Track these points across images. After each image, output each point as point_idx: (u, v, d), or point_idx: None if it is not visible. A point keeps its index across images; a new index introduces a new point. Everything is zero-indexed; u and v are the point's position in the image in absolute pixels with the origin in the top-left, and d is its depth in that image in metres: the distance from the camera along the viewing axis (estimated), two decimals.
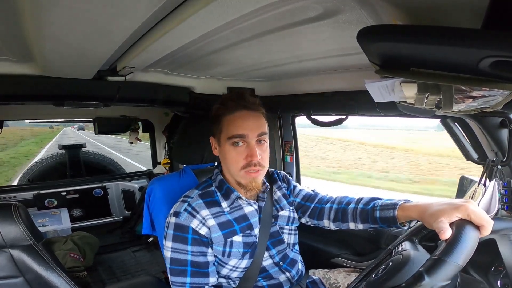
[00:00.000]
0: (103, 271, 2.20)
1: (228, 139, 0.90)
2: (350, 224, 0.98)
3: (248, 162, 0.89)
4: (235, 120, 0.90)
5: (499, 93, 0.54)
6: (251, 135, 0.89)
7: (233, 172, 0.93)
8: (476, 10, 0.51)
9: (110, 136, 2.88)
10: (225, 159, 0.94)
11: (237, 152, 0.90)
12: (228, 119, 0.91)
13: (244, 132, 0.89)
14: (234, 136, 0.89)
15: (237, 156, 0.90)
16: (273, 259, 0.99)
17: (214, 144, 0.98)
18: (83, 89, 1.23)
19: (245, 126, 0.89)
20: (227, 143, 0.90)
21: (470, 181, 1.14)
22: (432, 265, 0.56)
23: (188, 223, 0.88)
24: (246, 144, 0.90)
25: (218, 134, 0.94)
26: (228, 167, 0.94)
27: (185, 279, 0.88)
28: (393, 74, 0.58)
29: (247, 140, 0.89)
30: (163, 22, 0.69)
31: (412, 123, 14.93)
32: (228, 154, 0.91)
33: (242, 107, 0.91)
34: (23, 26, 0.69)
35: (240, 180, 0.93)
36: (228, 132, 0.90)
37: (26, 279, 0.98)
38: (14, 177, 7.58)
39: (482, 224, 0.62)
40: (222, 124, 0.92)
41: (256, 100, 0.94)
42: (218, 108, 0.94)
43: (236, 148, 0.90)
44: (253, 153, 0.89)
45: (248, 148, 0.90)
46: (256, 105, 0.93)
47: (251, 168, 0.90)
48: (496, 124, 0.96)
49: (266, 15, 0.65)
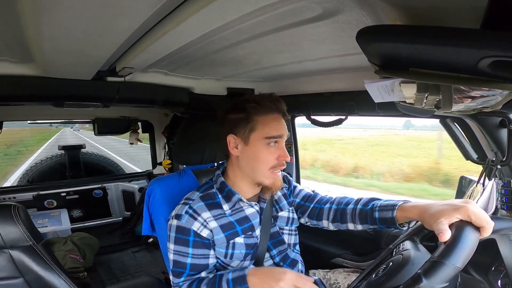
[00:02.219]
0: (103, 271, 2.19)
1: (265, 138, 0.91)
2: (349, 224, 0.98)
3: (279, 162, 0.92)
4: (272, 121, 0.92)
5: (498, 93, 0.54)
6: (284, 137, 0.94)
7: (260, 171, 0.93)
8: (475, 10, 0.51)
9: (105, 136, 2.88)
10: (254, 158, 0.93)
11: (269, 152, 0.92)
12: (263, 119, 0.92)
13: (282, 133, 0.93)
14: (273, 136, 0.91)
15: (269, 156, 0.92)
16: (273, 259, 0.99)
17: (234, 143, 0.95)
18: (83, 90, 1.23)
19: (281, 128, 0.93)
20: (262, 142, 0.91)
21: (470, 181, 1.14)
22: (430, 267, 0.56)
23: (189, 225, 0.88)
24: (277, 146, 0.93)
25: (247, 133, 0.92)
26: (255, 166, 0.93)
27: (179, 280, 0.89)
28: (392, 74, 0.58)
29: (279, 142, 0.93)
30: (163, 23, 0.69)
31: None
32: (260, 153, 0.92)
33: (277, 109, 0.94)
34: (22, 26, 0.69)
35: (263, 181, 0.93)
36: (264, 131, 0.91)
37: (26, 280, 0.98)
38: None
39: (483, 225, 0.62)
40: (255, 123, 0.92)
41: (285, 107, 0.97)
42: (252, 107, 0.93)
43: (269, 147, 0.92)
44: (285, 154, 0.92)
45: (279, 149, 0.93)
46: (285, 111, 0.97)
47: (280, 167, 0.94)
48: (495, 124, 0.96)
49: (265, 15, 0.65)
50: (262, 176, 0.93)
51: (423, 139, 11.52)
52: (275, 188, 0.95)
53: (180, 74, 1.34)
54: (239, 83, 1.51)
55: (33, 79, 1.10)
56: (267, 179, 0.93)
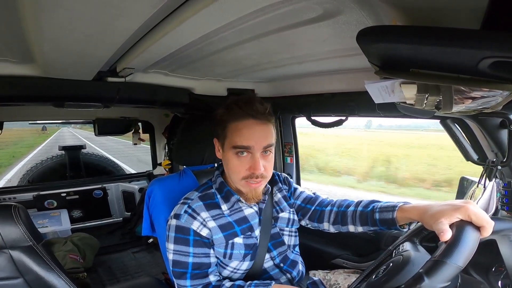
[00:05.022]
0: (103, 272, 2.19)
1: (233, 148, 0.86)
2: (349, 227, 0.97)
3: (250, 173, 0.86)
4: (241, 129, 0.85)
5: (498, 94, 0.54)
6: (257, 147, 0.85)
7: (234, 180, 0.92)
8: (475, 11, 0.51)
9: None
10: (227, 166, 0.92)
11: (240, 162, 0.86)
12: (233, 126, 0.86)
13: (250, 144, 0.84)
14: (239, 146, 0.85)
15: (239, 166, 0.87)
16: (273, 260, 0.99)
17: (218, 147, 0.95)
18: (83, 90, 1.23)
19: (251, 137, 0.84)
20: (231, 151, 0.87)
21: (471, 182, 1.14)
22: (431, 266, 0.56)
23: (188, 225, 0.88)
24: (251, 155, 0.86)
25: (222, 139, 0.90)
26: (230, 174, 0.92)
27: (185, 282, 0.88)
28: (392, 75, 0.58)
29: (251, 151, 0.85)
30: (163, 23, 0.70)
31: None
32: (231, 162, 0.88)
33: (249, 116, 0.85)
34: (23, 27, 0.69)
35: (240, 188, 0.92)
36: (232, 141, 0.86)
37: (26, 280, 0.98)
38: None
39: (483, 225, 0.62)
40: (227, 130, 0.87)
41: (266, 109, 0.87)
42: (223, 114, 0.89)
43: (239, 157, 0.86)
44: (256, 167, 0.85)
45: (252, 159, 0.85)
46: (265, 114, 0.86)
47: (253, 179, 0.87)
48: (496, 125, 0.96)
49: (266, 16, 0.66)
50: (237, 184, 0.91)
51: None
52: (251, 197, 0.92)
53: (181, 75, 1.35)
54: (239, 84, 1.51)
55: (33, 80, 1.10)
56: (243, 188, 0.90)
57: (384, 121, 12.63)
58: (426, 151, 9.33)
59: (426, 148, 9.72)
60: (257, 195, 0.93)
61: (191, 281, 0.88)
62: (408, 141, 10.59)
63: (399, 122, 19.23)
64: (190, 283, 0.88)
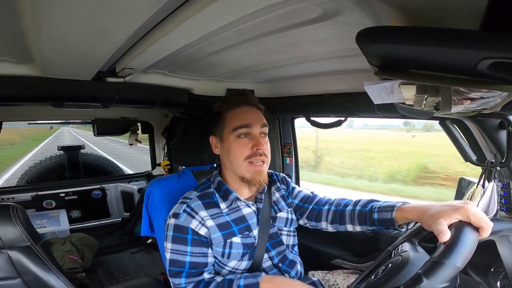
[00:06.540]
0: (102, 272, 2.19)
1: (234, 130, 0.92)
2: (347, 226, 0.98)
3: (253, 151, 0.91)
4: (239, 113, 0.94)
5: (497, 95, 0.54)
6: (255, 125, 0.92)
7: (237, 165, 0.93)
8: (474, 12, 0.51)
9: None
10: (229, 153, 0.94)
11: (241, 143, 0.92)
12: (231, 114, 0.94)
13: (249, 122, 0.92)
14: (240, 126, 0.91)
15: (242, 147, 0.91)
16: (272, 260, 0.99)
17: (215, 143, 0.99)
18: (82, 90, 1.23)
19: (249, 117, 0.93)
20: (232, 135, 0.92)
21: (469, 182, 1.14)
22: (430, 267, 0.56)
23: (187, 224, 0.88)
24: (251, 136, 0.92)
25: (221, 131, 0.96)
26: (232, 160, 0.93)
27: (180, 280, 0.88)
28: (392, 76, 0.58)
29: (251, 132, 0.92)
30: (163, 24, 0.70)
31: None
32: (233, 146, 0.92)
33: (244, 102, 0.95)
34: (22, 27, 0.69)
35: (244, 174, 0.93)
36: (232, 124, 0.92)
37: (24, 280, 0.97)
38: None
39: (482, 226, 0.62)
40: (225, 120, 0.95)
41: (257, 99, 0.99)
42: (221, 105, 0.97)
43: (241, 139, 0.92)
44: (259, 142, 0.91)
45: (253, 139, 0.92)
46: (257, 104, 0.98)
47: (257, 158, 0.91)
48: (494, 126, 0.96)
49: (265, 16, 0.66)
50: (241, 169, 0.93)
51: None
52: (258, 181, 0.93)
53: (180, 75, 1.35)
54: (238, 84, 1.51)
55: (32, 80, 1.10)
56: (247, 172, 0.92)
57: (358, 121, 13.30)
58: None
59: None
60: (264, 178, 0.94)
61: (185, 279, 0.88)
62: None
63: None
64: (185, 281, 0.88)
